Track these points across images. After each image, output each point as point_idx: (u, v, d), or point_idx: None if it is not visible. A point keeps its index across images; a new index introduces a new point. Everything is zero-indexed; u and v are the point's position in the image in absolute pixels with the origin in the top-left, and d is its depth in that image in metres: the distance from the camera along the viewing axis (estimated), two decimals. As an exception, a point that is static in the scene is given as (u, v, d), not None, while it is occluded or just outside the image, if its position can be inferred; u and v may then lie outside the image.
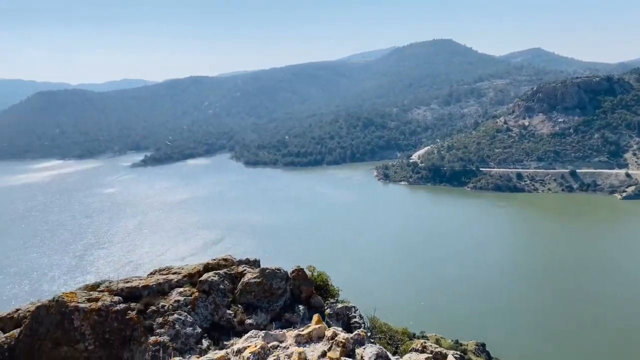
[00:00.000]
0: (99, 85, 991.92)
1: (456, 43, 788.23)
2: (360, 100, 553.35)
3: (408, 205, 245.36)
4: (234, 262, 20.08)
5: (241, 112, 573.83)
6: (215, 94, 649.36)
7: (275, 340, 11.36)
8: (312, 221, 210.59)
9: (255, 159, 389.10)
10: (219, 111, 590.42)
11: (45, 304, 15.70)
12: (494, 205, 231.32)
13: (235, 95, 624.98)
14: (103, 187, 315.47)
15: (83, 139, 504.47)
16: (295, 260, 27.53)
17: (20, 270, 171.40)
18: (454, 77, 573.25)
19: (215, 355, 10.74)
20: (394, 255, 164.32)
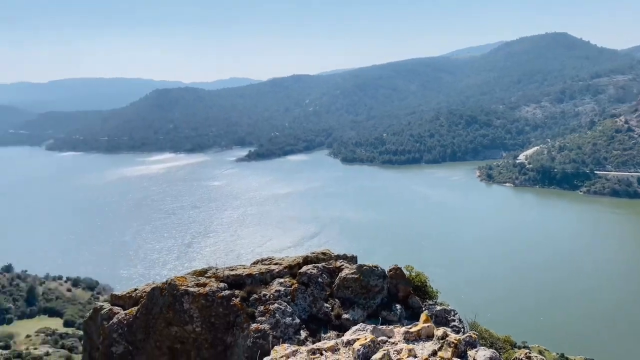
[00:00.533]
0: (209, 84, 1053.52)
1: (571, 36, 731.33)
2: (463, 97, 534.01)
3: (513, 208, 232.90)
4: (332, 257, 20.28)
5: (340, 110, 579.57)
6: (316, 91, 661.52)
7: (384, 335, 11.28)
8: (408, 220, 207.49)
9: (353, 156, 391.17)
10: (318, 108, 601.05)
11: (159, 286, 16.93)
12: (611, 212, 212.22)
13: (335, 93, 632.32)
14: (210, 180, 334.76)
15: (193, 134, 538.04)
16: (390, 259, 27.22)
17: (136, 254, 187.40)
18: (568, 73, 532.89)
19: (325, 344, 10.89)
20: (494, 260, 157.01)
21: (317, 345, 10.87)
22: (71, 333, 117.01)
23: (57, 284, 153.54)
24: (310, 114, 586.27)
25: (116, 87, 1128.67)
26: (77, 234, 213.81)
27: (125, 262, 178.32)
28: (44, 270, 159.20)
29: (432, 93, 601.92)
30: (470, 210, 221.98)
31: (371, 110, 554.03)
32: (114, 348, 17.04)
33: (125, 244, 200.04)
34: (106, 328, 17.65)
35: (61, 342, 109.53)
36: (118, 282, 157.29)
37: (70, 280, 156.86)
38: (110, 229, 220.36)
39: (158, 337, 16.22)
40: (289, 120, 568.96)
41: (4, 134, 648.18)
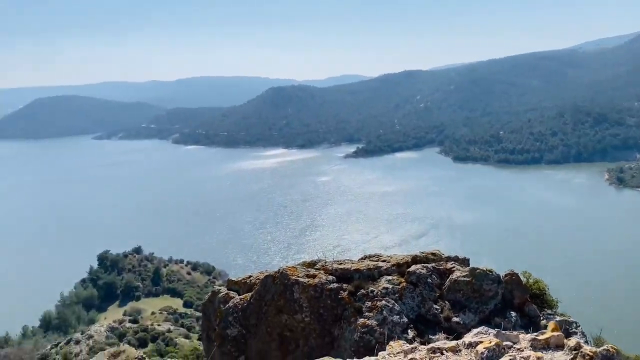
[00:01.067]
0: (320, 81, 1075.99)
1: None
2: (591, 93, 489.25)
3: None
4: (442, 258, 19.68)
5: (453, 106, 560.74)
6: (428, 87, 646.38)
7: (508, 340, 10.72)
8: (524, 225, 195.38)
9: (465, 155, 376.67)
10: (430, 105, 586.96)
11: (272, 274, 17.61)
12: None
13: (448, 89, 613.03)
14: (318, 175, 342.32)
15: (304, 130, 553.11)
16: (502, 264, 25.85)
17: (249, 243, 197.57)
18: None
19: (445, 344, 10.60)
20: (621, 275, 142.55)
21: (436, 344, 10.57)
22: (189, 313, 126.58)
23: (178, 267, 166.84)
24: (421, 111, 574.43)
25: (235, 85, 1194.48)
26: (198, 222, 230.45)
27: (239, 250, 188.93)
28: (167, 253, 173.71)
29: (555, 89, 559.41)
30: (595, 218, 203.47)
31: (487, 107, 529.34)
32: (229, 330, 18.05)
33: (240, 233, 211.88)
34: (222, 311, 18.72)
35: (181, 321, 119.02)
36: (232, 268, 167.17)
37: (190, 264, 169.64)
38: (226, 219, 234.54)
39: (269, 324, 16.90)
40: (399, 117, 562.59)
41: (137, 128, 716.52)
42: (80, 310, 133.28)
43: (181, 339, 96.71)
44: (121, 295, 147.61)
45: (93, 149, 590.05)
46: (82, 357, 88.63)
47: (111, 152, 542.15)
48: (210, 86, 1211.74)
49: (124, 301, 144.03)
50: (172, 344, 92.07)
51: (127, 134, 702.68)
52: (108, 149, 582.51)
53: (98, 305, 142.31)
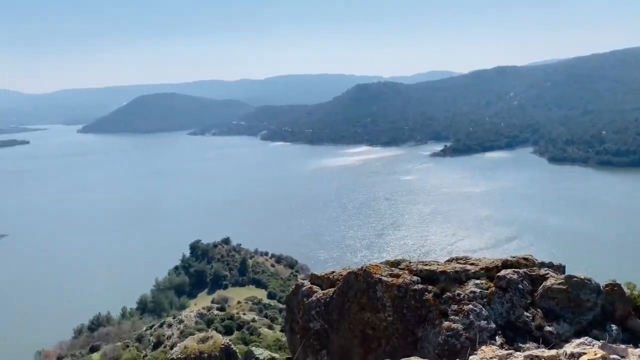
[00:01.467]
0: (407, 78, 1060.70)
1: None
2: None
3: None
4: (535, 263, 18.65)
5: (549, 104, 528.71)
6: (522, 84, 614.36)
7: (616, 353, 9.94)
8: (625, 233, 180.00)
9: (562, 155, 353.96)
10: (524, 102, 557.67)
11: (355, 271, 17.62)
12: None
13: (544, 85, 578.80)
14: (403, 174, 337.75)
15: (389, 127, 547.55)
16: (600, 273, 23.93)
17: (332, 239, 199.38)
18: None
19: (543, 352, 10.05)
20: None
21: (534, 352, 10.04)
22: (273, 304, 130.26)
23: (263, 259, 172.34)
24: (514, 108, 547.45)
25: (322, 82, 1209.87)
26: (282, 216, 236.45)
27: (321, 245, 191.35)
28: (253, 245, 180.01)
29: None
30: None
31: (588, 105, 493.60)
32: (311, 324, 18.33)
33: (322, 228, 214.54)
34: (305, 304, 19.04)
35: (265, 311, 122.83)
36: (314, 263, 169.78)
37: (274, 256, 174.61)
38: (310, 214, 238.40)
39: (352, 320, 16.94)
40: (490, 115, 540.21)
41: (229, 125, 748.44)
42: (172, 295, 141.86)
43: (265, 329, 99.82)
44: (210, 283, 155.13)
45: (188, 144, 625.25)
46: (173, 340, 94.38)
47: (204, 148, 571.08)
48: (297, 84, 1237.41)
49: (213, 289, 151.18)
50: (256, 333, 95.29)
51: (219, 130, 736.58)
52: (202, 144, 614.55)
53: (189, 291, 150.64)
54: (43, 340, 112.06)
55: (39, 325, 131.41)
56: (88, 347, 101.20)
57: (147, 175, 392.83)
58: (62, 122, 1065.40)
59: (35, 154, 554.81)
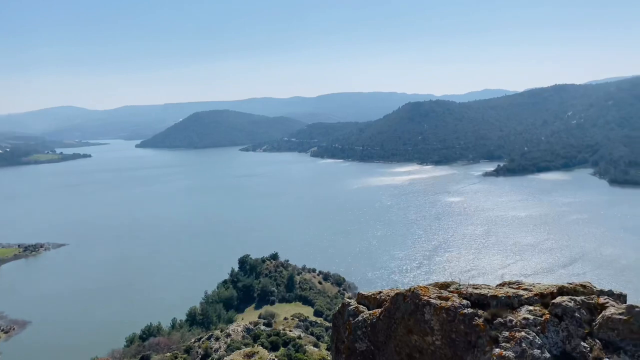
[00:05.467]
0: (460, 96, 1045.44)
1: None
2: None
3: None
4: (593, 291, 17.74)
5: (611, 123, 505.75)
6: (582, 102, 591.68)
7: None
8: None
9: (624, 177, 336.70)
10: (583, 122, 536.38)
11: (403, 292, 17.35)
12: None
13: (605, 104, 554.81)
14: (454, 193, 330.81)
15: (440, 146, 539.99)
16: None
17: (380, 258, 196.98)
18: None
19: None
20: None
21: None
22: (319, 322, 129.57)
23: (310, 276, 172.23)
24: (573, 128, 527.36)
25: (373, 100, 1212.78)
26: (331, 233, 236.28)
27: (370, 265, 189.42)
28: (301, 261, 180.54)
29: None
30: None
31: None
32: (357, 344, 18.16)
33: (370, 247, 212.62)
34: (352, 324, 18.90)
35: (311, 329, 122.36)
36: (362, 281, 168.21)
37: (321, 273, 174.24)
38: (358, 232, 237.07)
39: (398, 342, 16.66)
40: (546, 135, 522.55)
41: (280, 141, 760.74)
42: (220, 309, 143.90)
43: (310, 347, 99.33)
44: (257, 298, 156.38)
45: (240, 160, 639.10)
46: (220, 353, 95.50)
47: (255, 163, 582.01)
48: (349, 102, 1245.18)
49: (260, 304, 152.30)
50: (302, 350, 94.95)
51: (270, 147, 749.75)
52: (253, 160, 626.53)
53: (236, 305, 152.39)
54: (97, 348, 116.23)
55: (93, 333, 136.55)
56: (139, 357, 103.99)
57: (202, 188, 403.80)
58: (123, 137, 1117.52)
59: (96, 168, 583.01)
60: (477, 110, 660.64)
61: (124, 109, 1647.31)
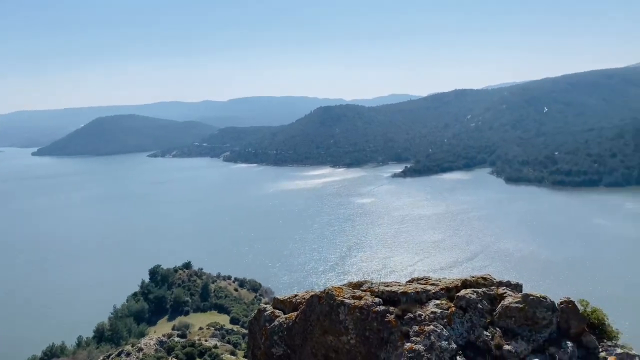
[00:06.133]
0: (368, 101, 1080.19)
1: None
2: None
3: None
4: (493, 283, 19.04)
5: (505, 125, 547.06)
6: (479, 106, 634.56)
7: None
8: (580, 252, 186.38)
9: (518, 176, 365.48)
10: (481, 124, 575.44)
11: (318, 294, 17.56)
12: None
13: (500, 108, 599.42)
14: (365, 195, 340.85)
15: (352, 149, 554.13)
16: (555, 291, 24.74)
17: (295, 262, 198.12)
18: None
19: None
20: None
21: None
22: (236, 330, 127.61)
23: (226, 283, 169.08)
24: (472, 130, 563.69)
25: (285, 104, 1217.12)
26: (245, 239, 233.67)
27: (285, 268, 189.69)
28: (216, 269, 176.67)
29: (615, 108, 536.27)
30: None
31: (541, 127, 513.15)
32: (274, 349, 18.08)
33: (286, 251, 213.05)
34: (268, 329, 18.80)
35: (227, 337, 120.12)
36: (278, 286, 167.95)
37: (237, 280, 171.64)
38: (273, 237, 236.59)
39: (314, 344, 16.81)
40: (448, 137, 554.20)
41: (190, 146, 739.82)
42: (131, 323, 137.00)
43: (227, 356, 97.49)
44: (170, 310, 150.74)
45: (148, 166, 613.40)
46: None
47: (165, 170, 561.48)
48: (261, 106, 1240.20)
49: (173, 315, 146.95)
50: (219, 359, 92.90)
51: (180, 152, 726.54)
52: (162, 167, 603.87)
53: (148, 318, 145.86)
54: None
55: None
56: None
57: (107, 198, 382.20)
58: (17, 145, 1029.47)
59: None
60: (385, 114, 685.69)
61: (17, 114, 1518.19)
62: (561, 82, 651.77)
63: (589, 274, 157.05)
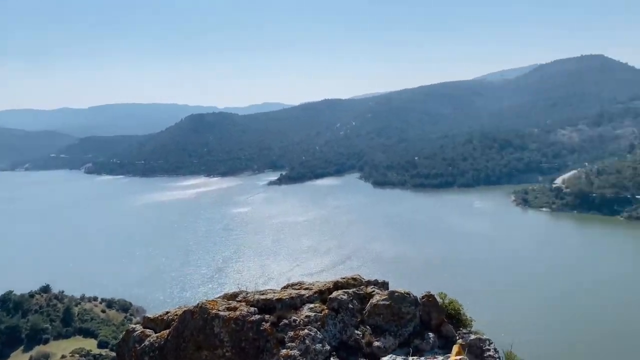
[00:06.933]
0: (242, 109, 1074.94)
1: (608, 58, 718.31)
2: (496, 121, 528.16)
3: (549, 234, 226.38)
4: (362, 282, 20.00)
5: (371, 133, 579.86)
6: (347, 115, 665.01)
7: None
8: (442, 249, 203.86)
9: (384, 180, 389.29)
10: (349, 132, 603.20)
11: (191, 309, 17.00)
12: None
13: (366, 117, 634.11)
14: (241, 204, 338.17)
15: (226, 157, 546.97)
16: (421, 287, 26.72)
17: (169, 277, 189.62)
18: (606, 95, 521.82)
19: None
20: (530, 287, 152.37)
21: None
22: (105, 354, 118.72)
23: (92, 305, 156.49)
24: (342, 138, 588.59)
25: (153, 112, 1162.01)
26: (114, 257, 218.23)
27: (159, 285, 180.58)
28: (80, 291, 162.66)
29: (464, 116, 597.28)
30: (504, 238, 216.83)
31: (402, 134, 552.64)
32: (145, 371, 17.11)
33: (159, 266, 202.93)
34: (137, 351, 17.77)
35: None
36: (151, 304, 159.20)
37: (105, 301, 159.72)
38: (144, 252, 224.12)
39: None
40: (320, 144, 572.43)
41: (45, 158, 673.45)
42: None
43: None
44: (26, 340, 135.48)
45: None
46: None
47: (17, 185, 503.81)
48: (126, 114, 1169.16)
49: (30, 345, 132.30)
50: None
51: (34, 165, 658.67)
52: (14, 181, 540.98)
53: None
54: None
55: None
56: None
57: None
58: None
59: None
60: (259, 122, 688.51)
61: None
62: (418, 93, 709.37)
63: (448, 269, 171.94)
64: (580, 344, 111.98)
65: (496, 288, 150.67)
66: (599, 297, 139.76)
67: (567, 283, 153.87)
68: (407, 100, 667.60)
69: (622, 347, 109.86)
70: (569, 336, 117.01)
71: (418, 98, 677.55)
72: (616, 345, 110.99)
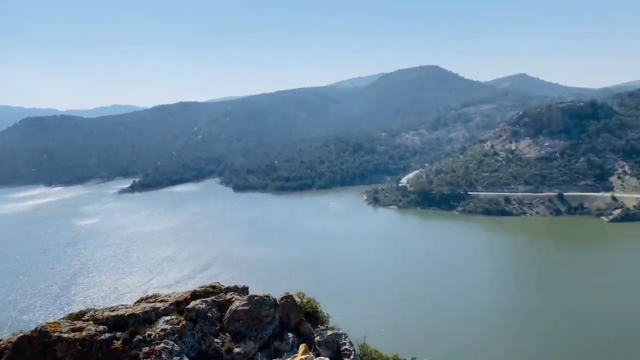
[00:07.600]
0: (88, 112, 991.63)
1: (442, 69, 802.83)
2: (349, 125, 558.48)
3: (397, 229, 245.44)
4: (222, 290, 19.83)
5: (230, 137, 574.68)
6: (205, 119, 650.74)
7: None
8: (300, 247, 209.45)
9: (245, 184, 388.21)
10: (207, 136, 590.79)
11: (28, 334, 15.33)
12: (485, 229, 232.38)
13: (224, 121, 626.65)
14: (89, 215, 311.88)
15: (70, 164, 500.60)
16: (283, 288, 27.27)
17: (5, 300, 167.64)
18: (441, 102, 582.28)
19: None
20: (382, 281, 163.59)
21: None
22: None
23: None
24: (199, 142, 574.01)
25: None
26: None
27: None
28: None
29: (320, 121, 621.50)
30: (358, 235, 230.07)
31: (262, 138, 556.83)
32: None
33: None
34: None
35: None
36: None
37: None
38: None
39: (26, 394, 14.60)
40: (177, 149, 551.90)
41: None
42: None
43: None
44: None
45: None
46: None
47: None
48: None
49: None
50: None
51: None
52: None
53: None
54: None
55: None
56: None
57: None
58: None
59: None
60: (108, 126, 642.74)
61: None
62: (276, 98, 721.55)
63: (309, 269, 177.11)
64: (438, 329, 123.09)
65: (353, 283, 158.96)
66: (445, 281, 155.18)
67: (417, 271, 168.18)
68: (265, 105, 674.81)
69: (470, 324, 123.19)
70: (423, 321, 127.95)
71: (276, 103, 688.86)
72: (466, 323, 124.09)
